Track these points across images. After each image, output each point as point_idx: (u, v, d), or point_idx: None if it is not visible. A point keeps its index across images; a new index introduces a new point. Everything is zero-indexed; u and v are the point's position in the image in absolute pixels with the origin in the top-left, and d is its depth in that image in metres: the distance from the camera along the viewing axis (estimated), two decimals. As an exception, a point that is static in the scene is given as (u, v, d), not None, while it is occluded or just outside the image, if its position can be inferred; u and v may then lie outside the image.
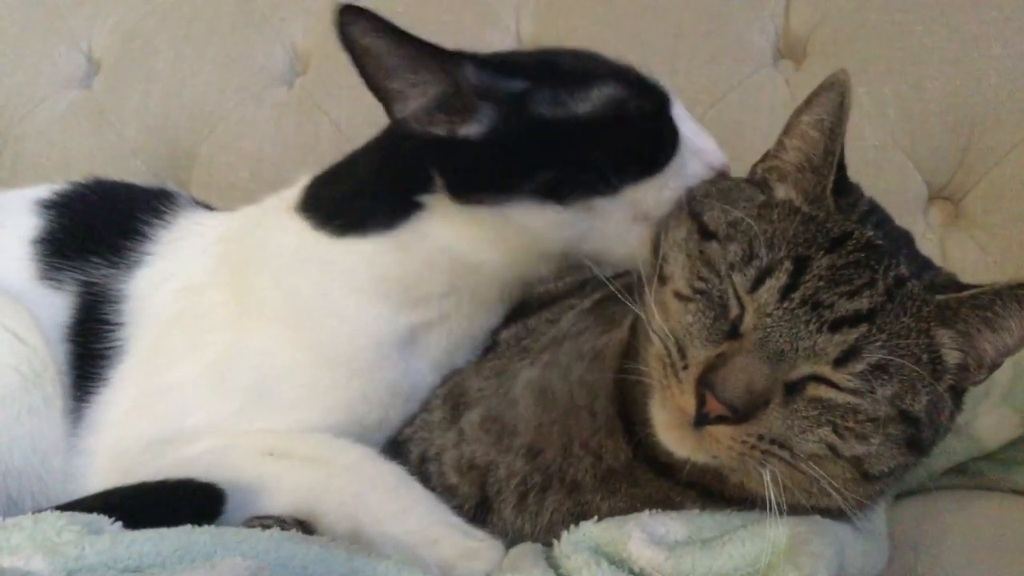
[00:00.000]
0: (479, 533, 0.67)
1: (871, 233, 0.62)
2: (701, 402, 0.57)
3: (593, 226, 0.71)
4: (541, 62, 0.74)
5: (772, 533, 0.59)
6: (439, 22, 1.32)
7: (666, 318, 0.62)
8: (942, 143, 1.11)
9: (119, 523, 0.59)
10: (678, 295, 0.63)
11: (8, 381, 0.70)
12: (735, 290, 0.61)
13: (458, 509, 0.71)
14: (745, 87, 1.18)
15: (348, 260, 0.74)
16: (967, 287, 0.63)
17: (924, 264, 0.66)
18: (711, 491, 0.66)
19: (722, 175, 0.74)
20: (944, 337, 0.61)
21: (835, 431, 0.59)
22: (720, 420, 0.57)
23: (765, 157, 0.72)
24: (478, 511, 0.72)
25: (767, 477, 0.58)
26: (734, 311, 0.60)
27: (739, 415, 0.57)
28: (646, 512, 0.64)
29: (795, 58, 1.21)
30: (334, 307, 0.74)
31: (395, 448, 0.76)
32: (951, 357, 0.62)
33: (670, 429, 0.61)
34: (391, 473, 0.70)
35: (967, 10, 1.12)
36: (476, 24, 1.30)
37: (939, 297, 0.61)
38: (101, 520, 0.58)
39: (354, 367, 0.73)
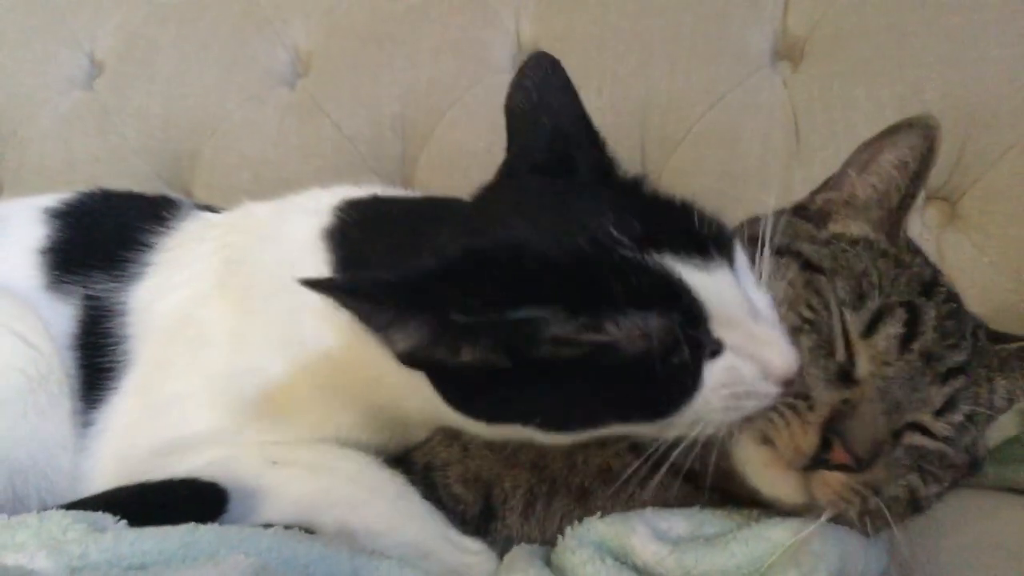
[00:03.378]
0: (474, 546, 0.67)
1: (945, 277, 0.65)
2: (823, 446, 0.56)
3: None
4: (563, 280, 0.57)
5: (775, 533, 0.60)
6: (440, 23, 1.32)
7: None
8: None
9: (124, 521, 0.59)
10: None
11: (14, 382, 0.70)
12: (844, 329, 0.60)
13: (461, 516, 0.71)
14: (743, 88, 1.18)
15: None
16: (1004, 336, 0.66)
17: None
18: (730, 494, 0.66)
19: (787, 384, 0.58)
20: (1000, 387, 0.64)
21: (921, 477, 0.60)
22: (841, 467, 0.56)
23: (827, 186, 0.70)
24: (482, 518, 0.72)
25: (831, 512, 0.57)
26: (841, 352, 0.60)
27: (861, 465, 0.56)
28: (649, 508, 0.65)
29: (793, 59, 1.21)
30: (336, 347, 0.70)
31: (400, 458, 0.76)
32: (999, 404, 0.65)
33: (768, 468, 0.59)
34: (391, 483, 0.70)
35: (965, 12, 1.12)
36: (476, 25, 1.30)
37: (998, 347, 0.64)
38: (106, 518, 0.58)
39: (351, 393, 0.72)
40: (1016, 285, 1.06)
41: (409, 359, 0.58)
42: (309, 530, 0.64)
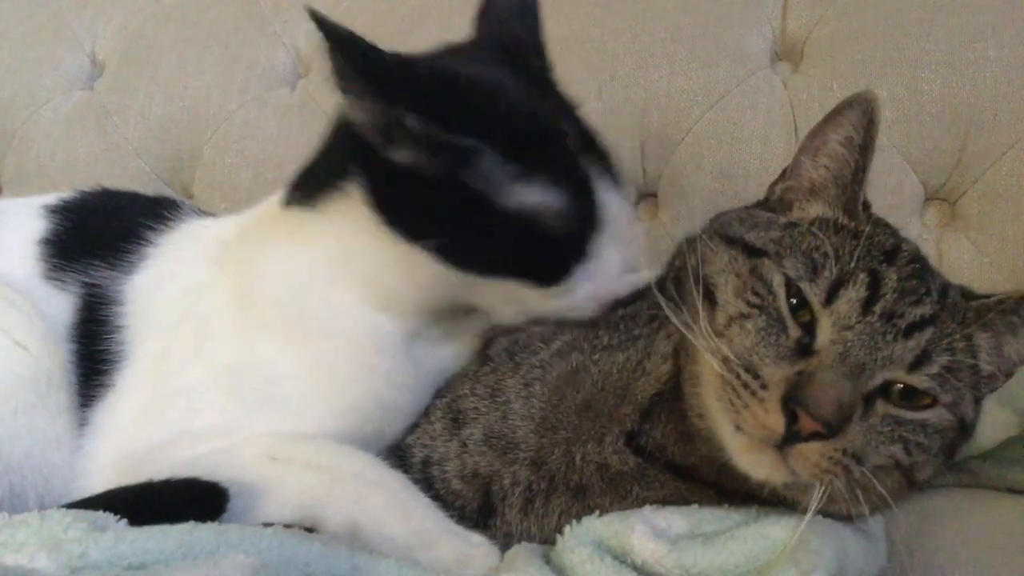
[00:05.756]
0: (476, 539, 0.67)
1: (913, 245, 0.65)
2: (791, 420, 0.57)
3: (477, 293, 0.73)
4: (503, 121, 0.68)
5: (773, 532, 0.60)
6: (440, 23, 1.32)
7: (726, 342, 0.62)
8: (938, 144, 1.11)
9: (124, 521, 0.59)
10: (733, 318, 0.63)
11: (3, 380, 0.71)
12: (807, 302, 0.61)
13: (460, 511, 0.72)
14: (743, 89, 1.19)
15: (305, 235, 0.75)
16: (981, 296, 0.66)
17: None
18: (728, 489, 0.66)
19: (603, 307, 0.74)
20: (982, 341, 0.64)
21: (905, 448, 0.60)
22: (813, 437, 0.57)
23: (783, 176, 0.72)
24: (480, 514, 0.72)
25: (821, 490, 0.58)
26: (793, 328, 0.61)
27: (831, 430, 0.57)
28: (647, 506, 0.65)
29: (792, 60, 1.22)
30: (316, 298, 0.75)
31: (398, 452, 0.77)
32: (986, 365, 0.64)
33: (747, 452, 0.60)
34: (394, 480, 0.70)
35: (963, 12, 1.12)
36: (476, 26, 1.30)
37: (973, 302, 0.64)
38: (107, 518, 0.59)
39: (346, 365, 0.74)
40: (1015, 285, 1.06)
41: (353, 128, 0.67)
42: (310, 529, 0.64)
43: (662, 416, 0.68)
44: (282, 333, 0.74)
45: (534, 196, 0.67)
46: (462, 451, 0.73)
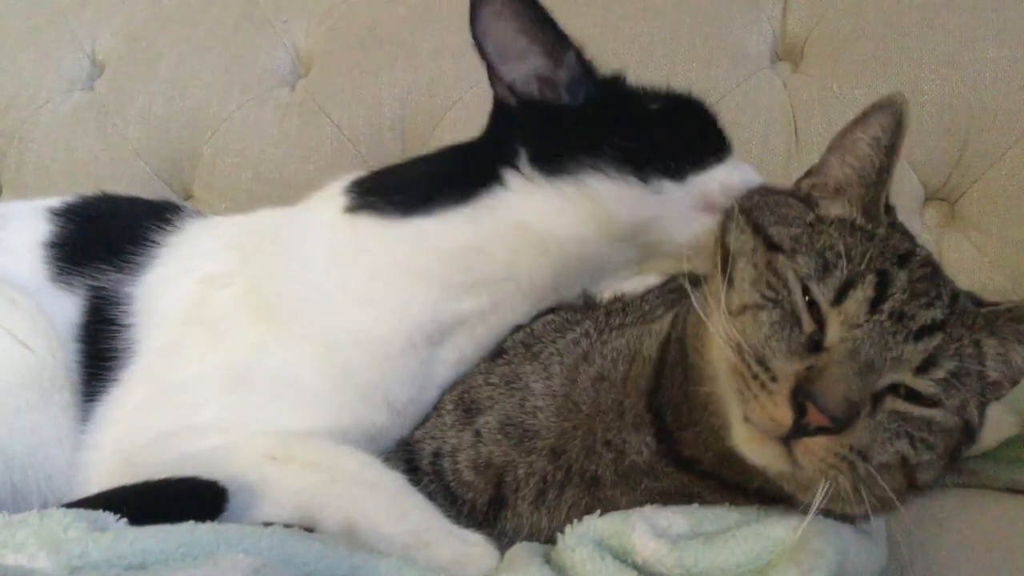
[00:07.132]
0: (474, 539, 0.67)
1: (927, 251, 0.66)
2: (799, 413, 0.58)
3: (661, 208, 0.76)
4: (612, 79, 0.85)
5: (774, 531, 0.60)
6: (440, 24, 1.32)
7: (739, 329, 0.62)
8: (938, 145, 1.11)
9: (124, 520, 0.59)
10: (747, 306, 0.64)
11: (5, 379, 0.71)
12: (813, 300, 0.62)
13: (471, 504, 0.72)
14: (743, 89, 1.19)
15: (410, 240, 0.76)
16: (991, 303, 0.66)
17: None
18: (729, 482, 0.67)
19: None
20: (990, 348, 0.64)
21: (911, 444, 0.61)
22: (820, 431, 0.57)
23: (810, 173, 0.73)
24: (491, 506, 0.72)
25: (825, 486, 0.58)
26: (807, 323, 0.62)
27: (839, 425, 0.57)
28: (648, 506, 0.65)
29: (792, 60, 1.22)
30: (381, 294, 0.75)
31: (407, 447, 0.76)
32: (992, 372, 0.64)
33: (753, 441, 0.61)
34: (392, 480, 0.70)
35: (963, 12, 1.12)
36: (476, 26, 1.30)
37: (983, 309, 0.64)
38: (107, 517, 0.58)
39: (385, 352, 0.74)
40: (1015, 284, 1.07)
41: (516, 90, 0.78)
42: (309, 529, 0.64)
43: (675, 373, 0.69)
44: (318, 330, 0.74)
45: (669, 97, 0.83)
46: (476, 440, 0.73)
